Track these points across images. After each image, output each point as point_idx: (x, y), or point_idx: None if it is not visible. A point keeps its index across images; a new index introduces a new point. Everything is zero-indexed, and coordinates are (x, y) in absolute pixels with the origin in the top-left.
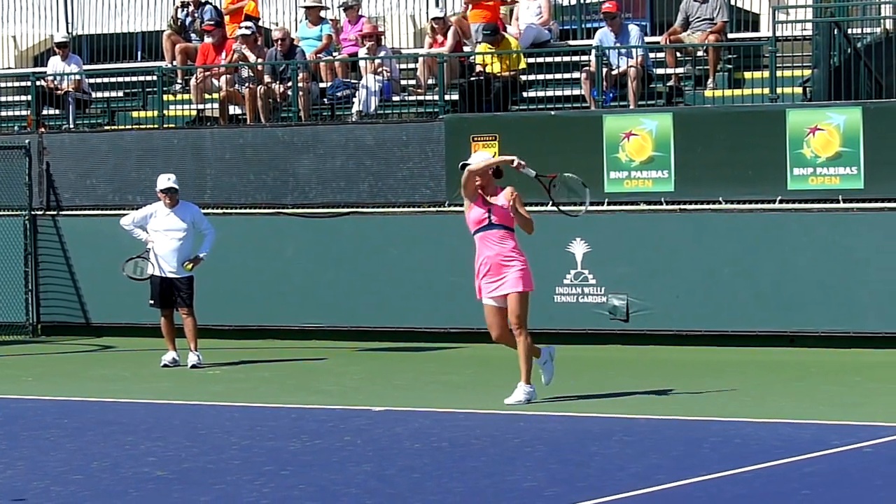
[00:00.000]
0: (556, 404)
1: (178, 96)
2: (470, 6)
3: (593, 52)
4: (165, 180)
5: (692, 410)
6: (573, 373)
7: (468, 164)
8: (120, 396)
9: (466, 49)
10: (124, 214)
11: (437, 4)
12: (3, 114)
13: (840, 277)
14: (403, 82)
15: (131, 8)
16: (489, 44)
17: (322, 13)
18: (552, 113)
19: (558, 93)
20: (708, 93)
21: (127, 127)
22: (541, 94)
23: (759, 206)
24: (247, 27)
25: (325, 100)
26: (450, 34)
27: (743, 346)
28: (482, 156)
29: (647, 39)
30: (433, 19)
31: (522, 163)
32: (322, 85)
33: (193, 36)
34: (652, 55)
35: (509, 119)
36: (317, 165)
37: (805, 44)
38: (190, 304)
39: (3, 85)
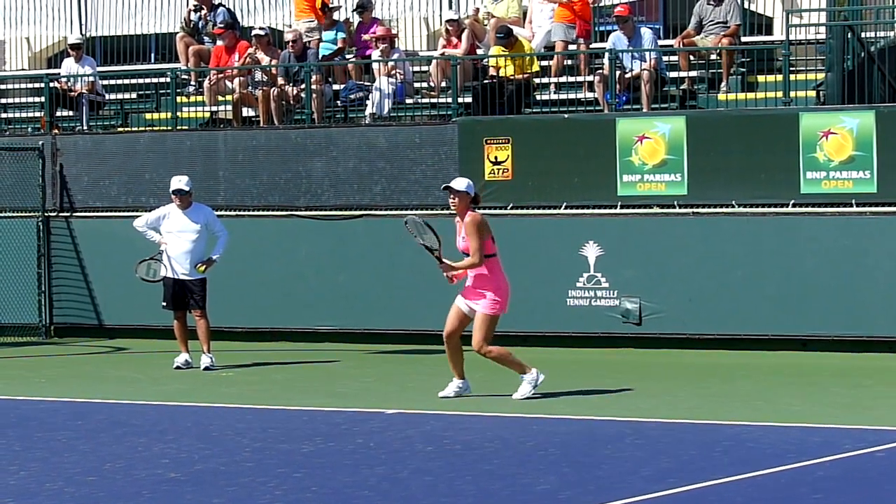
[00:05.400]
0: (569, 407)
1: (192, 98)
2: (556, 4)
3: (606, 55)
4: (178, 182)
5: (704, 414)
6: (586, 376)
7: (450, 186)
8: (133, 398)
9: (479, 52)
10: (137, 216)
11: (450, 7)
12: (17, 115)
13: (852, 281)
14: (417, 85)
15: (145, 10)
16: (503, 46)
17: (336, 16)
18: (565, 116)
19: (571, 96)
20: (721, 96)
21: (140, 129)
22: (554, 97)
23: (772, 209)
24: (261, 28)
25: (339, 102)
26: (464, 36)
27: (755, 349)
28: (465, 181)
29: (661, 43)
30: (448, 21)
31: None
32: (335, 87)
33: (206, 38)
34: (665, 58)
35: (522, 122)
36: (330, 168)
37: (818, 47)
38: (203, 306)
39: (16, 86)
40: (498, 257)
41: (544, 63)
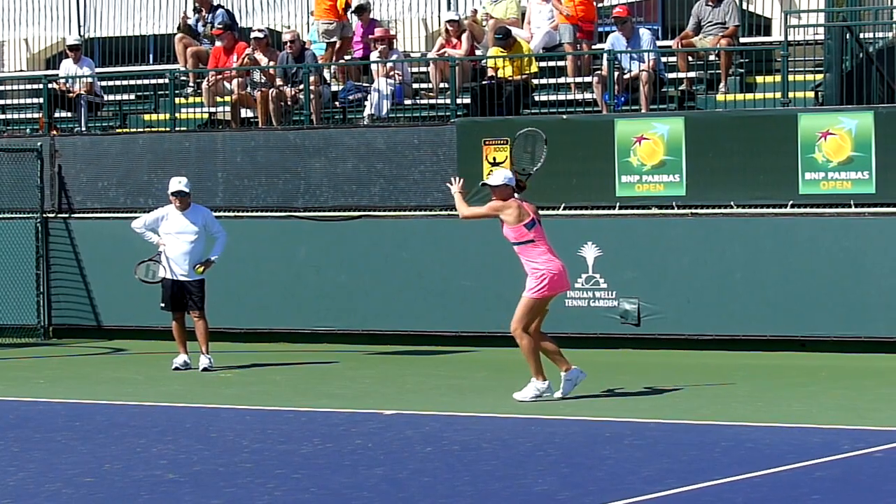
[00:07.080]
0: (568, 408)
1: (190, 99)
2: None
3: (605, 56)
4: (177, 183)
5: (703, 414)
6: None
7: (487, 183)
8: (131, 399)
9: (478, 53)
10: (136, 217)
11: (448, 7)
12: (16, 116)
13: (851, 282)
14: (415, 86)
15: (143, 11)
16: (501, 47)
17: None
18: (564, 117)
19: (570, 97)
20: (720, 97)
21: (139, 130)
22: (552, 97)
23: (771, 210)
24: (259, 30)
25: (337, 103)
26: (464, 37)
27: (754, 350)
28: (501, 174)
29: (659, 43)
30: (448, 22)
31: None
32: (334, 88)
33: (205, 40)
34: (664, 59)
35: (521, 123)
36: (328, 169)
37: (817, 48)
38: (201, 308)
39: (15, 87)
40: (538, 243)
41: (543, 64)
